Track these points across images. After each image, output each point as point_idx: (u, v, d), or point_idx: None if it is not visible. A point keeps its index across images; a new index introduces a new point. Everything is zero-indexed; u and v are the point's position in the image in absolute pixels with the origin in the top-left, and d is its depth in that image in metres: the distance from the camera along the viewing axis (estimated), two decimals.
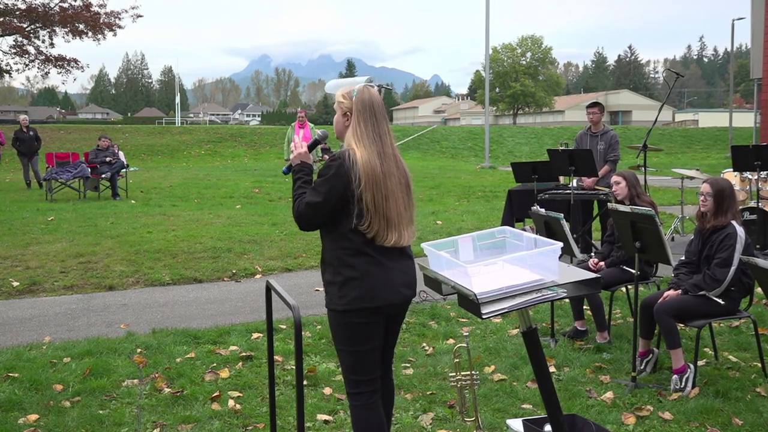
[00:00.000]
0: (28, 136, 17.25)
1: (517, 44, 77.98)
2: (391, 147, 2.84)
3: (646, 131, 10.38)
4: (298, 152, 2.96)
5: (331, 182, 2.74)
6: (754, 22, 19.94)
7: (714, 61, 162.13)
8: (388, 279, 2.80)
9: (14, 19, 30.29)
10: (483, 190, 16.26)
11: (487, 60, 28.92)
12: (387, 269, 2.80)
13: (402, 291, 2.85)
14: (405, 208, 2.84)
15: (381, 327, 2.88)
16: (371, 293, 2.77)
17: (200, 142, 33.06)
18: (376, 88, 2.98)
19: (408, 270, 2.89)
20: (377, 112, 2.83)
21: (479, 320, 5.63)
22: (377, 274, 2.78)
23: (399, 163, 2.88)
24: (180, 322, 5.95)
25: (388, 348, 3.07)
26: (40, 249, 8.83)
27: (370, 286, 2.77)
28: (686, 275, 4.62)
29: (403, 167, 2.90)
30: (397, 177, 2.82)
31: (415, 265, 2.95)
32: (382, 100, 2.90)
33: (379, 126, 2.82)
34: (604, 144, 8.33)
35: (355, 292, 2.77)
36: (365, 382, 2.90)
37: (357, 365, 2.89)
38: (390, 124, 2.91)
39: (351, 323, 2.81)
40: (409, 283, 2.89)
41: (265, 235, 9.77)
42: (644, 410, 3.98)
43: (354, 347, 2.86)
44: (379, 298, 2.79)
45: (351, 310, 2.79)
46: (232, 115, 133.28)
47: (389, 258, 2.81)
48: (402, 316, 3.04)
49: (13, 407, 4.08)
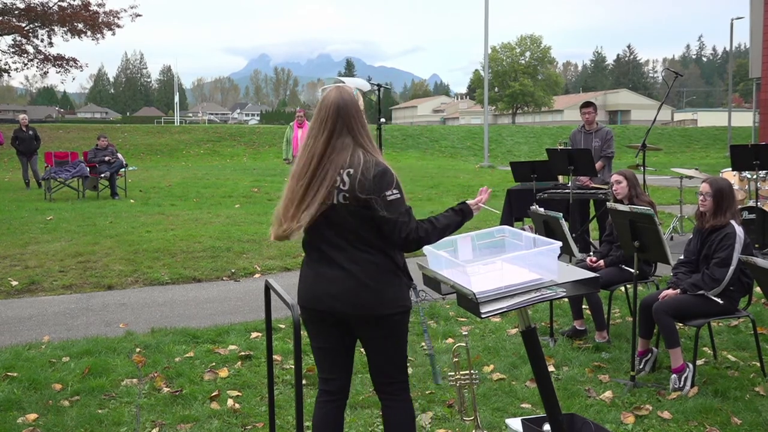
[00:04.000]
0: (27, 135, 17.24)
1: (516, 44, 77.99)
2: (320, 147, 2.72)
3: (645, 131, 10.38)
4: None
5: None
6: (753, 21, 19.95)
7: (713, 61, 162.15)
8: (312, 283, 2.82)
9: (13, 18, 30.28)
10: None
11: (486, 59, 28.93)
12: (315, 274, 2.81)
13: (321, 299, 2.77)
14: (285, 207, 2.77)
15: (326, 329, 2.86)
16: (300, 292, 2.87)
17: (199, 141, 33.05)
18: (353, 88, 2.93)
19: (333, 280, 2.74)
20: (322, 113, 2.76)
21: (478, 319, 5.63)
22: (307, 276, 2.85)
23: (322, 165, 2.71)
24: (179, 321, 5.95)
25: (374, 365, 2.88)
26: (39, 248, 8.82)
27: (303, 285, 2.87)
28: (685, 275, 4.62)
29: (324, 170, 2.70)
30: (304, 177, 2.73)
31: (343, 277, 2.73)
32: (338, 99, 2.76)
33: (320, 127, 2.75)
34: (599, 141, 8.34)
35: (300, 288, 2.89)
36: (321, 379, 2.98)
37: (315, 360, 3.01)
38: (347, 124, 2.74)
39: (303, 318, 2.88)
40: (335, 293, 2.73)
41: (264, 235, 9.76)
42: (643, 409, 3.98)
43: (311, 342, 2.96)
44: (305, 299, 2.84)
45: (300, 306, 2.86)
46: (231, 115, 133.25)
47: (321, 264, 2.80)
48: (368, 333, 2.81)
49: (12, 407, 4.08)
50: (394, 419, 2.88)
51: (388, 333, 2.80)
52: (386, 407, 2.91)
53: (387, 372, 2.88)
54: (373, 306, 2.72)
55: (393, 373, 2.88)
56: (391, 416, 2.89)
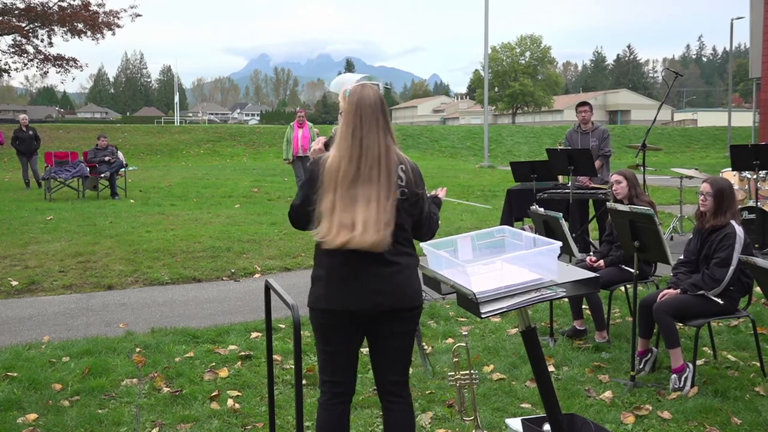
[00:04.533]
0: (27, 135, 17.25)
1: (516, 44, 77.98)
2: (377, 147, 2.68)
3: (645, 130, 10.38)
4: (314, 149, 2.96)
5: (307, 185, 2.78)
6: (753, 21, 19.94)
7: (713, 61, 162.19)
8: (346, 284, 2.72)
9: (13, 18, 30.27)
10: (482, 190, 16.27)
11: (486, 59, 28.93)
12: (349, 274, 2.71)
13: (361, 298, 2.72)
14: (377, 212, 2.63)
15: (345, 331, 2.80)
16: (329, 295, 2.75)
17: (199, 141, 33.05)
18: (380, 84, 2.90)
19: (379, 277, 2.72)
20: (363, 113, 2.70)
21: (478, 319, 5.63)
22: (337, 277, 2.73)
23: (382, 165, 2.68)
24: (179, 321, 5.95)
25: (387, 362, 2.88)
26: (39, 248, 8.82)
27: (330, 287, 2.75)
28: (685, 275, 4.62)
29: (391, 169, 2.70)
30: (374, 180, 2.66)
31: (400, 272, 2.76)
32: (375, 98, 2.74)
33: (363, 127, 2.69)
34: (596, 140, 8.35)
35: (318, 291, 2.78)
36: (328, 382, 2.88)
37: (323, 364, 2.90)
38: (386, 122, 2.75)
39: (315, 322, 2.84)
40: (376, 291, 2.72)
41: (264, 235, 9.77)
42: (643, 409, 3.98)
43: (320, 345, 2.88)
44: (334, 301, 2.73)
45: (314, 309, 2.81)
46: (231, 115, 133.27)
47: (357, 263, 2.69)
48: (394, 327, 2.82)
49: (12, 406, 4.08)
50: (396, 421, 2.88)
51: (411, 327, 2.87)
52: (389, 409, 2.90)
53: (397, 370, 2.89)
54: (412, 299, 2.80)
55: (401, 371, 2.90)
56: (393, 418, 2.89)
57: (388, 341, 2.85)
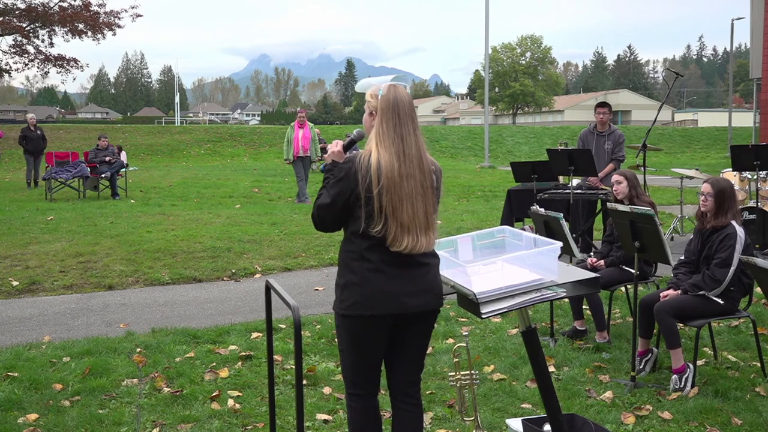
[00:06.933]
0: (35, 135, 17.26)
1: (517, 44, 77.99)
2: (415, 148, 2.72)
3: (645, 131, 10.39)
4: (331, 151, 2.87)
5: (340, 185, 2.69)
6: (753, 21, 19.94)
7: (713, 61, 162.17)
8: (388, 287, 2.69)
9: (14, 18, 30.25)
10: (482, 190, 16.27)
11: (486, 60, 28.93)
12: (389, 277, 2.69)
13: (405, 300, 2.70)
14: (425, 212, 2.69)
15: (383, 334, 2.78)
16: (370, 300, 2.69)
17: (200, 141, 33.07)
18: (405, 86, 2.89)
19: (417, 278, 2.73)
20: (401, 112, 2.73)
21: (479, 320, 5.63)
22: (376, 282, 2.69)
23: (424, 165, 2.73)
24: (179, 321, 5.95)
25: (406, 362, 2.90)
26: (39, 248, 8.83)
27: (369, 293, 2.69)
28: (685, 275, 4.62)
29: (429, 169, 2.75)
30: (418, 180, 2.69)
31: (432, 272, 2.78)
32: (409, 99, 2.79)
33: (402, 126, 2.72)
34: (611, 143, 8.31)
35: (353, 298, 2.72)
36: (363, 384, 2.87)
37: (356, 368, 2.86)
38: (416, 122, 2.79)
39: (351, 328, 2.77)
40: (416, 292, 2.72)
41: (264, 235, 9.77)
42: (643, 410, 3.98)
43: (354, 351, 2.82)
44: (377, 307, 2.69)
45: (350, 316, 2.74)
46: (232, 115, 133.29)
47: (394, 266, 2.69)
48: (421, 327, 2.84)
49: (12, 407, 4.08)
50: (410, 423, 2.91)
51: (432, 326, 2.91)
52: (403, 410, 2.91)
53: (414, 370, 2.93)
54: (440, 299, 2.83)
55: (418, 372, 2.95)
56: (406, 420, 2.91)
57: (411, 341, 2.87)
